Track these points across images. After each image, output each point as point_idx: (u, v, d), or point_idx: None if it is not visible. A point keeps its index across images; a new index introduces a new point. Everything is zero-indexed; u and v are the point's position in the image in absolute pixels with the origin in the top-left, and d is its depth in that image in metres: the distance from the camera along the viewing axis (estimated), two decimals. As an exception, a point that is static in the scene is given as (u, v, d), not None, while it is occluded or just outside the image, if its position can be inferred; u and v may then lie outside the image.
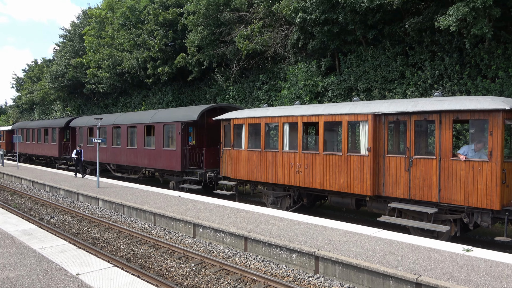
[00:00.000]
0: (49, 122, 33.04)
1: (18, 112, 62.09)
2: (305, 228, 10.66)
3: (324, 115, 13.08)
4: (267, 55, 23.16)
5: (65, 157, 29.91)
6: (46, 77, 44.10)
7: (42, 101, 52.36)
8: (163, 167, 19.63)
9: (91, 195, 16.68)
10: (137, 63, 29.89)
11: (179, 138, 18.47)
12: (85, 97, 42.21)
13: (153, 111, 22.10)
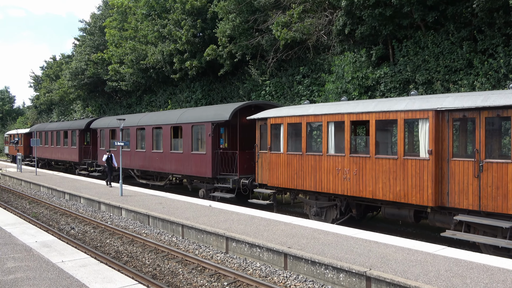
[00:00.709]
0: (69, 124, 34.45)
1: (36, 113, 65.25)
2: (354, 243, 10.49)
3: (375, 113, 12.85)
4: (308, 44, 23.04)
5: (86, 162, 31.09)
6: (65, 75, 46.08)
7: (61, 101, 54.76)
8: (191, 173, 19.96)
9: (113, 204, 17.23)
10: (162, 57, 30.61)
11: (209, 141, 18.73)
12: (106, 96, 43.71)
13: (181, 110, 22.55)
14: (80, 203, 19.99)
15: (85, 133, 33.04)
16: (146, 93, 37.17)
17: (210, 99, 29.85)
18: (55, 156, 36.08)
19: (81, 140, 31.95)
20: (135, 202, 17.40)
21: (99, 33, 43.15)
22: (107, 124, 27.71)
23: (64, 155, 34.17)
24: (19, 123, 68.24)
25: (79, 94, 46.13)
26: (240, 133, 19.61)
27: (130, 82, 35.53)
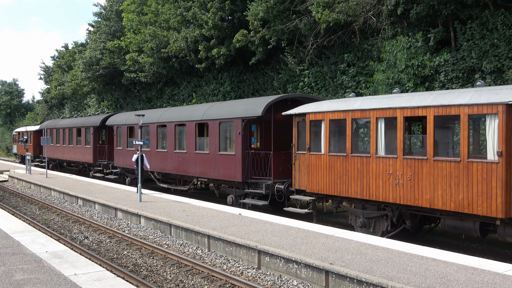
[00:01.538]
0: (82, 120, 35.39)
1: (46, 108, 67.23)
2: (408, 260, 10.33)
3: (434, 107, 12.60)
4: (354, 27, 22.79)
5: (101, 164, 31.86)
6: (78, 65, 47.25)
7: (73, 95, 56.20)
8: (219, 176, 20.13)
9: (131, 211, 17.59)
10: (186, 44, 30.98)
11: (239, 139, 18.83)
12: (124, 89, 44.61)
13: (207, 105, 22.77)
14: (95, 210, 20.50)
15: (100, 130, 33.82)
16: (167, 86, 37.71)
17: (240, 92, 29.99)
18: (67, 156, 37.13)
19: (96, 138, 32.74)
20: (155, 209, 17.70)
21: (115, 18, 44.05)
22: (125, 120, 28.30)
23: (77, 155, 35.12)
24: (28, 119, 70.32)
25: (94, 87, 47.16)
26: (274, 131, 19.62)
27: (150, 73, 36.10)
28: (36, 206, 22.80)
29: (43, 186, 27.27)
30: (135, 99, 42.47)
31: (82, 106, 55.08)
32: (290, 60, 25.66)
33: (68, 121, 39.07)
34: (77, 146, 35.09)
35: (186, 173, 22.34)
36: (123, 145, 28.33)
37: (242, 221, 15.11)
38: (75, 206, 21.94)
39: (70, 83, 53.75)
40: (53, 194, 25.73)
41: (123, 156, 28.21)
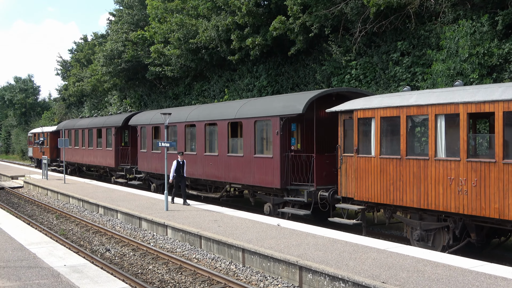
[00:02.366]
0: (103, 120, 36.11)
1: (64, 107, 68.89)
2: (473, 279, 10.12)
3: (504, 102, 12.30)
4: (408, 11, 22.47)
5: (124, 168, 32.44)
6: (98, 59, 48.21)
7: (93, 92, 57.41)
8: (254, 182, 20.19)
9: (157, 221, 17.84)
10: (217, 33, 31.20)
11: (277, 140, 18.84)
12: (148, 85, 45.28)
13: (240, 102, 22.86)
14: (117, 219, 20.89)
15: (123, 131, 34.41)
16: (196, 80, 38.05)
17: (278, 87, 30.00)
18: (86, 159, 37.95)
19: (118, 140, 33.34)
20: (183, 218, 17.89)
21: (139, 5, 44.73)
22: (149, 119, 28.73)
23: (97, 158, 35.86)
24: (44, 119, 72.13)
25: (115, 83, 47.94)
26: (317, 130, 19.52)
27: (177, 67, 36.51)
28: (53, 215, 23.40)
29: (61, 193, 27.98)
30: (161, 95, 43.03)
31: (103, 104, 56.13)
32: (334, 49, 25.50)
33: (87, 121, 39.88)
34: (98, 148, 35.81)
35: (217, 178, 22.50)
36: (147, 148, 28.75)
37: (281, 233, 15.10)
38: (96, 215, 22.42)
39: (89, 79, 54.83)
40: (71, 201, 26.37)
41: (147, 160, 28.64)
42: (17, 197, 31.05)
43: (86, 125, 38.34)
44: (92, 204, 23.69)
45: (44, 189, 31.12)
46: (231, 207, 23.01)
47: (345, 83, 25.20)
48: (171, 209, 20.04)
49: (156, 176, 28.51)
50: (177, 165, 21.09)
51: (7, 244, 14.16)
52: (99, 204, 22.92)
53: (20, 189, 35.21)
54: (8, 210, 23.85)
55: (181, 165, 21.21)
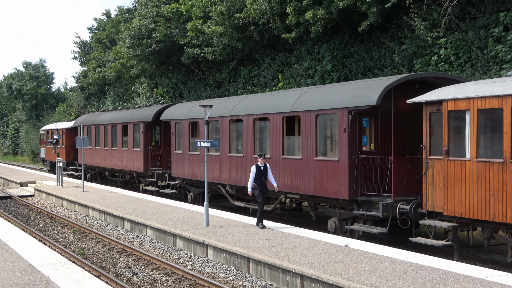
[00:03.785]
0: (129, 114, 36.68)
1: (83, 98, 70.18)
2: None
3: None
4: (514, -27, 21.88)
5: (154, 173, 32.83)
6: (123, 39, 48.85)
7: (118, 79, 58.31)
8: (316, 192, 20.12)
9: (195, 239, 17.99)
10: (269, 5, 31.16)
11: (345, 139, 18.71)
12: (184, 71, 45.66)
13: (298, 91, 22.80)
14: (147, 236, 21.20)
15: (154, 127, 34.83)
16: (244, 65, 38.15)
17: (345, 72, 29.77)
18: (109, 163, 38.65)
19: (148, 138, 33.76)
20: (227, 236, 17.98)
21: (172, -27, 45.17)
22: (186, 113, 29.02)
23: (122, 161, 36.45)
24: (59, 113, 73.29)
25: (144, 69, 48.47)
26: (395, 126, 19.24)
27: (219, 48, 36.64)
28: (69, 230, 23.95)
29: (79, 203, 28.61)
30: (200, 84, 43.33)
31: (129, 95, 56.81)
32: (418, 24, 25.11)
33: (111, 115, 40.49)
34: (123, 149, 36.37)
35: (270, 186, 22.47)
36: (183, 148, 29.05)
37: (349, 255, 14.99)
38: (121, 231, 22.81)
39: (113, 64, 55.53)
40: (91, 214, 26.93)
41: (183, 163, 28.94)
42: (27, 207, 31.94)
43: (109, 121, 38.98)
44: (116, 217, 24.12)
45: (59, 198, 31.91)
46: (286, 222, 22.98)
47: (432, 67, 24.76)
48: (212, 224, 20.18)
49: (194, 184, 28.80)
50: (256, 171, 19.43)
51: (15, 265, 14.58)
52: (124, 218, 23.30)
53: (31, 198, 36.20)
54: (17, 224, 24.56)
55: (262, 172, 19.46)
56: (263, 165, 19.52)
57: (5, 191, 39.71)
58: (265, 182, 19.55)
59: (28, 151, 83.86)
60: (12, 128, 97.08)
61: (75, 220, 26.33)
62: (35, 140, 75.51)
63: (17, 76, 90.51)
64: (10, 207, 32.15)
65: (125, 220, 23.25)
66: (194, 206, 26.14)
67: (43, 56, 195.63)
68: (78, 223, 24.79)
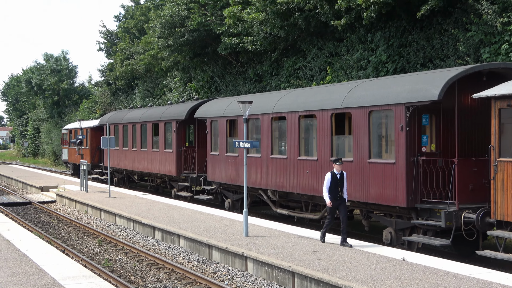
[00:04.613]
0: (160, 111, 36.93)
1: (109, 94, 70.76)
2: None
3: None
4: None
5: (188, 177, 32.99)
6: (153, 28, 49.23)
7: (148, 73, 58.75)
8: (369, 198, 20.09)
9: (234, 251, 18.04)
10: (316, -11, 31.08)
11: (402, 139, 18.59)
12: (221, 63, 45.77)
13: (349, 85, 22.68)
14: (179, 247, 21.32)
15: (187, 126, 35.00)
16: (287, 56, 38.10)
17: (402, 63, 29.53)
18: (138, 165, 38.97)
19: (181, 138, 33.93)
20: (269, 248, 17.99)
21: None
22: (223, 110, 29.12)
23: (153, 164, 36.71)
24: (83, 110, 74.10)
25: (177, 61, 48.68)
26: (460, 124, 19.02)
27: (260, 37, 36.64)
28: (95, 239, 24.24)
29: (105, 210, 28.93)
30: (238, 77, 43.39)
31: (160, 90, 57.10)
32: (485, 8, 24.78)
33: (140, 112, 40.83)
34: (153, 150, 36.64)
35: (316, 192, 22.42)
36: (220, 149, 29.14)
37: (407, 270, 14.89)
38: (151, 241, 23.00)
39: (142, 56, 55.93)
40: (119, 222, 27.21)
41: (220, 166, 29.05)
42: (48, 215, 32.41)
43: (138, 119, 39.30)
44: (146, 226, 24.32)
45: (83, 204, 32.32)
46: (335, 232, 22.88)
47: (501, 57, 24.41)
48: (252, 234, 20.22)
49: (231, 189, 28.89)
50: (332, 179, 18.31)
51: (35, 278, 14.82)
52: (155, 226, 23.48)
53: (52, 204, 36.74)
54: (37, 233, 24.90)
55: (338, 180, 18.31)
56: (340, 172, 18.28)
57: (25, 196, 40.38)
58: (341, 194, 18.31)
59: (49, 153, 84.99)
60: (31, 127, 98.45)
61: (101, 229, 26.63)
62: (56, 140, 76.40)
63: (37, 70, 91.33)
64: (29, 214, 32.70)
65: (156, 229, 23.43)
66: (232, 214, 26.22)
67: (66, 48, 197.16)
68: (104, 232, 25.06)
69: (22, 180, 49.05)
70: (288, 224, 23.56)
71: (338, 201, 18.31)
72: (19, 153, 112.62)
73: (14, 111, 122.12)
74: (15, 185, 51.68)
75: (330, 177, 18.20)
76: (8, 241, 20.39)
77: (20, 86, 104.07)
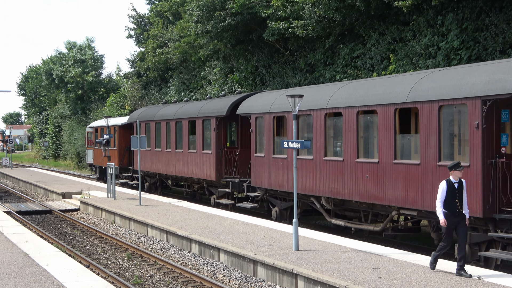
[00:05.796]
0: (198, 107, 37.03)
1: (140, 87, 71.09)
2: None
3: None
4: None
5: (230, 182, 32.99)
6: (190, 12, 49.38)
7: (184, 63, 58.94)
8: (438, 207, 19.82)
9: (282, 267, 18.01)
10: (377, -36, 30.92)
11: (477, 138, 18.49)
12: (267, 51, 45.70)
13: (414, 76, 22.48)
14: (219, 262, 21.38)
15: (228, 124, 35.00)
16: (344, 42, 37.90)
17: (478, 50, 29.21)
18: (173, 169, 39.10)
19: (221, 138, 33.94)
20: (323, 264, 17.95)
21: None
22: (269, 105, 29.12)
23: (189, 167, 36.82)
24: (110, 105, 74.50)
25: (217, 49, 48.78)
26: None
27: (312, 21, 36.53)
28: (123, 253, 24.44)
29: (135, 219, 29.15)
30: (287, 67, 43.30)
31: (198, 82, 57.21)
32: None
33: (174, 108, 40.86)
34: (190, 151, 36.77)
35: (377, 200, 22.32)
36: (266, 150, 29.13)
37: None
38: (187, 255, 23.11)
39: (177, 43, 56.09)
40: (150, 233, 27.40)
41: (266, 170, 29.06)
42: (71, 225, 32.77)
43: (173, 115, 39.46)
44: (181, 238, 24.44)
45: (110, 213, 32.62)
46: (400, 246, 22.76)
47: None
48: (303, 249, 20.20)
49: (279, 196, 28.87)
50: (448, 191, 16.76)
51: (56, 297, 15.03)
52: (191, 239, 23.57)
53: (75, 213, 37.11)
54: (58, 245, 25.18)
55: (457, 191, 16.76)
56: (458, 181, 16.73)
57: (45, 204, 40.90)
58: (460, 209, 16.65)
59: (72, 154, 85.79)
60: (52, 125, 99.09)
61: (130, 241, 26.85)
62: (80, 140, 76.86)
63: (58, 60, 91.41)
64: (50, 224, 33.11)
65: (193, 242, 23.53)
66: (280, 224, 26.20)
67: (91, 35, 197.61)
68: (134, 245, 25.25)
69: (42, 186, 49.66)
70: (344, 236, 23.50)
71: (457, 217, 16.58)
72: (38, 155, 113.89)
73: (32, 107, 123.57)
74: (33, 191, 52.39)
75: (445, 187, 16.64)
76: (26, 255, 20.65)
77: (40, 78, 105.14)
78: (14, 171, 71.28)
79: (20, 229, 27.36)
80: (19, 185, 58.70)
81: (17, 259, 19.89)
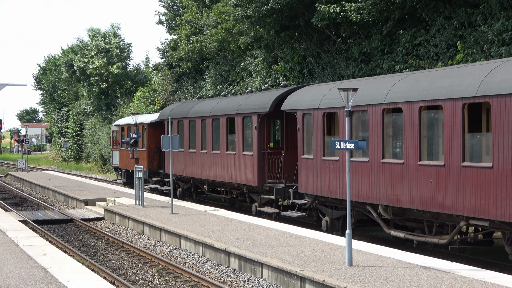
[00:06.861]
0: (237, 102, 36.98)
1: (172, 80, 71.18)
2: None
3: None
4: None
5: (273, 188, 32.82)
6: (228, -6, 49.46)
7: (221, 53, 59.03)
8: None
9: (333, 285, 17.88)
10: None
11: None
12: (316, 38, 45.59)
13: (486, 66, 22.24)
14: (262, 279, 21.36)
15: (272, 121, 34.96)
16: (404, 28, 37.68)
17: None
18: (208, 172, 39.11)
19: (263, 137, 33.83)
20: (380, 281, 17.87)
21: None
22: (319, 100, 29.02)
23: (227, 170, 36.82)
24: (138, 101, 74.61)
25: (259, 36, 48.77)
26: None
27: (368, 4, 36.41)
28: (153, 268, 24.51)
29: (166, 230, 29.23)
30: (339, 57, 43.18)
31: (237, 74, 57.20)
32: None
33: (210, 103, 40.90)
34: (228, 153, 36.76)
35: (443, 209, 22.13)
36: (315, 151, 29.02)
37: None
38: (225, 271, 23.11)
39: (214, 30, 56.26)
40: (184, 245, 27.45)
41: (315, 173, 28.96)
42: (94, 236, 32.95)
43: (208, 112, 39.48)
44: (218, 251, 24.44)
45: (139, 223, 32.76)
46: (469, 262, 22.58)
47: None
48: (357, 264, 20.10)
49: (330, 203, 28.78)
50: None
51: (78, 317, 15.12)
52: (230, 252, 23.56)
53: (99, 222, 37.40)
54: (80, 259, 25.31)
55: None
56: None
57: (65, 212, 41.31)
58: None
59: (95, 156, 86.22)
60: (73, 123, 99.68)
61: (161, 254, 26.91)
62: (105, 140, 77.22)
63: (80, 50, 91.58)
64: (71, 235, 33.35)
65: (232, 255, 23.52)
66: (331, 236, 26.13)
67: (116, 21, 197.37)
68: (165, 259, 25.28)
69: (62, 191, 50.06)
70: (405, 250, 23.38)
71: None
72: (58, 157, 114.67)
73: (51, 102, 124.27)
74: (52, 198, 52.93)
75: None
76: (45, 269, 20.81)
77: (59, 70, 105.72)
78: (31, 175, 71.95)
79: (37, 241, 27.55)
80: (36, 191, 59.25)
81: (34, 274, 20.04)
